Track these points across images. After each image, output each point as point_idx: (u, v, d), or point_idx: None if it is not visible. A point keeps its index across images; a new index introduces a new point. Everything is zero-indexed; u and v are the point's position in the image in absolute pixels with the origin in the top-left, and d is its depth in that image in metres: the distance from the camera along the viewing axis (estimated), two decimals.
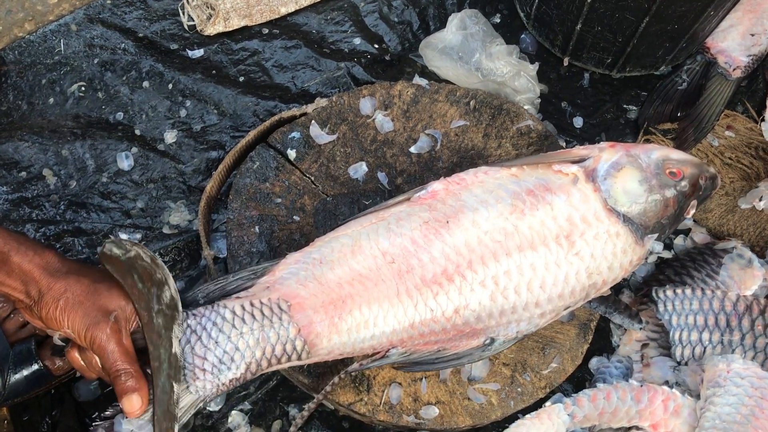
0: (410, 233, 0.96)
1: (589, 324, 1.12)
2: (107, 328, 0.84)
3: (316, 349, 0.93)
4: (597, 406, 1.04)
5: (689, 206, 1.04)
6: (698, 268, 1.21)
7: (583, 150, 1.05)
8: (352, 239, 0.97)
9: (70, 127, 1.36)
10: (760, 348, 1.11)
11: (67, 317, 0.84)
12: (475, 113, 1.25)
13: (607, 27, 1.33)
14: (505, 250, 0.95)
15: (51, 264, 0.87)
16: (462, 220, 0.96)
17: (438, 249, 0.95)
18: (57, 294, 0.85)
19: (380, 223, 0.98)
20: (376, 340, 0.96)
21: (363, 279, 0.95)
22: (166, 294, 0.88)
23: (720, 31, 1.44)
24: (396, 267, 0.95)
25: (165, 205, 1.31)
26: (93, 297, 0.85)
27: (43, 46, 1.43)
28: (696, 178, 1.04)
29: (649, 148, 1.04)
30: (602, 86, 1.46)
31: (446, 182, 1.01)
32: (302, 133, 1.22)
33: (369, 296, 0.94)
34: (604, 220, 0.97)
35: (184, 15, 1.48)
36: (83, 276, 0.87)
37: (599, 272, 0.97)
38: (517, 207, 0.96)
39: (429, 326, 0.96)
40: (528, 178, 1.00)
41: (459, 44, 1.38)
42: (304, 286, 0.94)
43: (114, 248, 0.84)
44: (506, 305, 0.96)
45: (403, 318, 0.95)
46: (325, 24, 1.49)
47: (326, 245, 0.98)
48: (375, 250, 0.96)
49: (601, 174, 0.99)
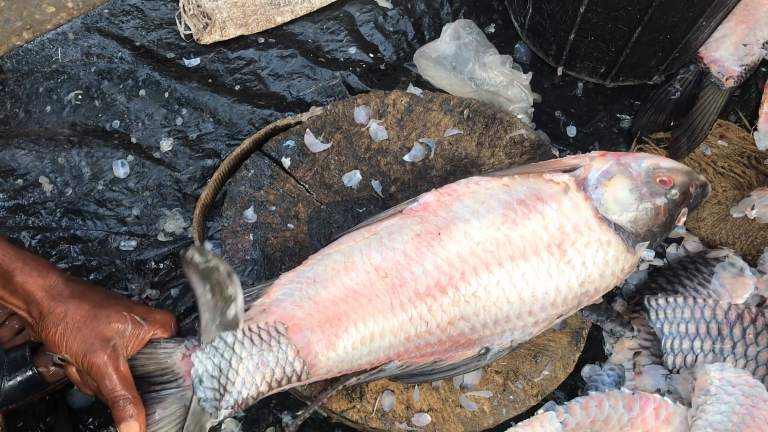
0: (402, 247, 0.96)
1: (581, 332, 1.13)
2: (104, 355, 0.85)
3: (315, 369, 0.93)
4: (589, 413, 1.05)
5: (680, 214, 1.05)
6: (690, 276, 1.21)
7: (573, 159, 1.05)
8: (345, 255, 0.97)
9: (67, 135, 1.36)
10: (752, 356, 1.11)
11: (66, 342, 0.86)
12: (469, 122, 1.26)
13: (600, 37, 1.34)
14: (497, 260, 0.95)
15: (54, 286, 0.88)
16: (454, 232, 0.96)
17: (431, 261, 0.95)
18: (56, 319, 0.86)
19: (372, 237, 0.98)
20: (373, 356, 0.96)
21: (357, 295, 0.95)
22: (231, 311, 0.89)
23: (713, 41, 1.45)
24: (389, 281, 0.95)
25: (160, 213, 1.32)
26: (92, 323, 0.86)
27: (41, 54, 1.44)
28: (686, 186, 1.04)
29: (639, 157, 1.05)
30: (596, 95, 1.47)
31: (438, 193, 1.01)
32: (297, 142, 1.23)
33: (364, 312, 0.94)
34: (595, 229, 0.98)
35: (181, 24, 1.49)
36: (84, 301, 0.88)
37: (591, 281, 0.98)
38: (509, 217, 0.97)
39: (424, 338, 0.96)
40: (519, 187, 1.00)
41: (453, 54, 1.39)
42: (299, 307, 0.94)
43: (196, 255, 0.86)
44: (500, 315, 0.96)
45: (398, 332, 0.95)
46: (320, 33, 1.51)
47: (319, 263, 0.98)
48: (368, 265, 0.96)
49: (592, 183, 1.00)
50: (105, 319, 0.87)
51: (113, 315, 0.87)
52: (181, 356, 0.91)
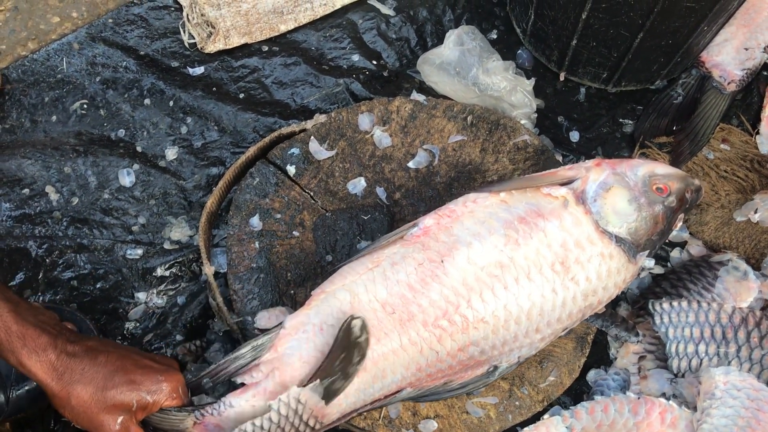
0: (407, 279, 0.96)
1: (586, 338, 1.13)
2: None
3: (328, 418, 0.95)
4: (595, 418, 1.05)
5: (677, 219, 1.05)
6: (694, 280, 1.22)
7: (569, 171, 1.04)
8: (350, 294, 0.97)
9: (73, 145, 1.37)
10: (756, 360, 1.11)
11: (75, 420, 0.89)
12: (473, 128, 1.26)
13: (602, 43, 1.34)
14: (503, 283, 0.95)
15: (55, 368, 0.88)
16: (457, 258, 0.96)
17: (437, 292, 0.95)
18: (62, 402, 0.88)
19: (375, 270, 0.98)
20: (386, 389, 0.97)
21: None
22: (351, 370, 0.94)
23: (714, 45, 1.46)
24: (397, 317, 0.95)
25: (166, 221, 1.32)
26: (98, 405, 0.88)
27: (46, 64, 1.45)
28: (682, 192, 1.04)
29: (634, 165, 1.05)
30: (598, 101, 1.48)
31: (437, 216, 1.00)
32: (301, 149, 1.23)
33: (373, 353, 0.94)
34: (597, 243, 0.97)
35: (185, 33, 1.50)
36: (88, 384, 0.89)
37: (594, 293, 0.98)
38: (511, 237, 0.96)
39: (435, 366, 0.97)
40: (518, 204, 0.99)
41: (456, 60, 1.40)
42: (308, 364, 0.95)
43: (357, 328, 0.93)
44: (508, 336, 0.96)
45: (410, 365, 0.96)
46: (324, 41, 1.51)
47: (323, 304, 0.97)
48: (374, 302, 0.96)
49: (590, 195, 0.99)
50: (111, 399, 0.89)
51: (118, 396, 0.89)
52: (192, 422, 0.94)
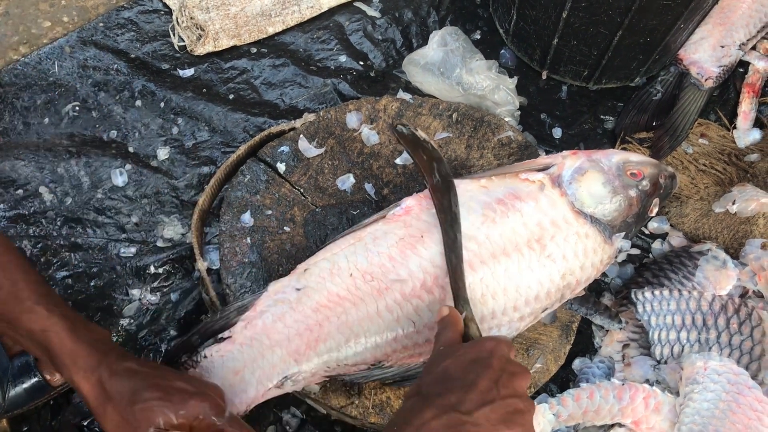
0: (387, 251, 0.99)
1: (571, 326, 1.16)
2: None
3: (297, 375, 0.97)
4: (581, 405, 1.07)
5: (652, 204, 1.08)
6: (675, 270, 1.24)
7: (547, 158, 1.08)
8: (331, 263, 1.00)
9: (66, 146, 1.39)
10: (736, 345, 1.14)
11: None
12: (458, 125, 1.29)
13: (582, 41, 1.38)
14: (480, 258, 0.98)
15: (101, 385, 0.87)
16: (436, 234, 0.99)
17: (415, 263, 0.97)
18: (101, 418, 0.87)
19: (357, 243, 1.01)
20: (359, 357, 0.98)
21: (341, 300, 0.97)
22: (442, 169, 1.02)
23: (692, 43, 1.50)
24: (375, 284, 0.97)
25: (159, 220, 1.34)
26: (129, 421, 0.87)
27: (38, 68, 1.46)
28: (656, 177, 1.08)
29: (608, 153, 1.08)
30: (580, 98, 1.51)
31: (419, 197, 1.04)
32: (291, 147, 1.26)
33: (347, 317, 0.97)
34: (572, 223, 1.01)
35: (175, 36, 1.52)
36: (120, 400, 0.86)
37: (572, 273, 1.01)
38: (489, 216, 0.99)
39: (412, 338, 0.98)
40: (497, 188, 1.03)
41: (440, 60, 1.43)
42: (281, 320, 0.97)
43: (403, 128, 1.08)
44: (485, 311, 0.98)
45: (385, 333, 0.97)
46: (311, 42, 1.54)
47: (305, 273, 1.00)
48: (353, 270, 0.98)
49: (566, 179, 1.03)
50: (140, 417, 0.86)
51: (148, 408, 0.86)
52: None
